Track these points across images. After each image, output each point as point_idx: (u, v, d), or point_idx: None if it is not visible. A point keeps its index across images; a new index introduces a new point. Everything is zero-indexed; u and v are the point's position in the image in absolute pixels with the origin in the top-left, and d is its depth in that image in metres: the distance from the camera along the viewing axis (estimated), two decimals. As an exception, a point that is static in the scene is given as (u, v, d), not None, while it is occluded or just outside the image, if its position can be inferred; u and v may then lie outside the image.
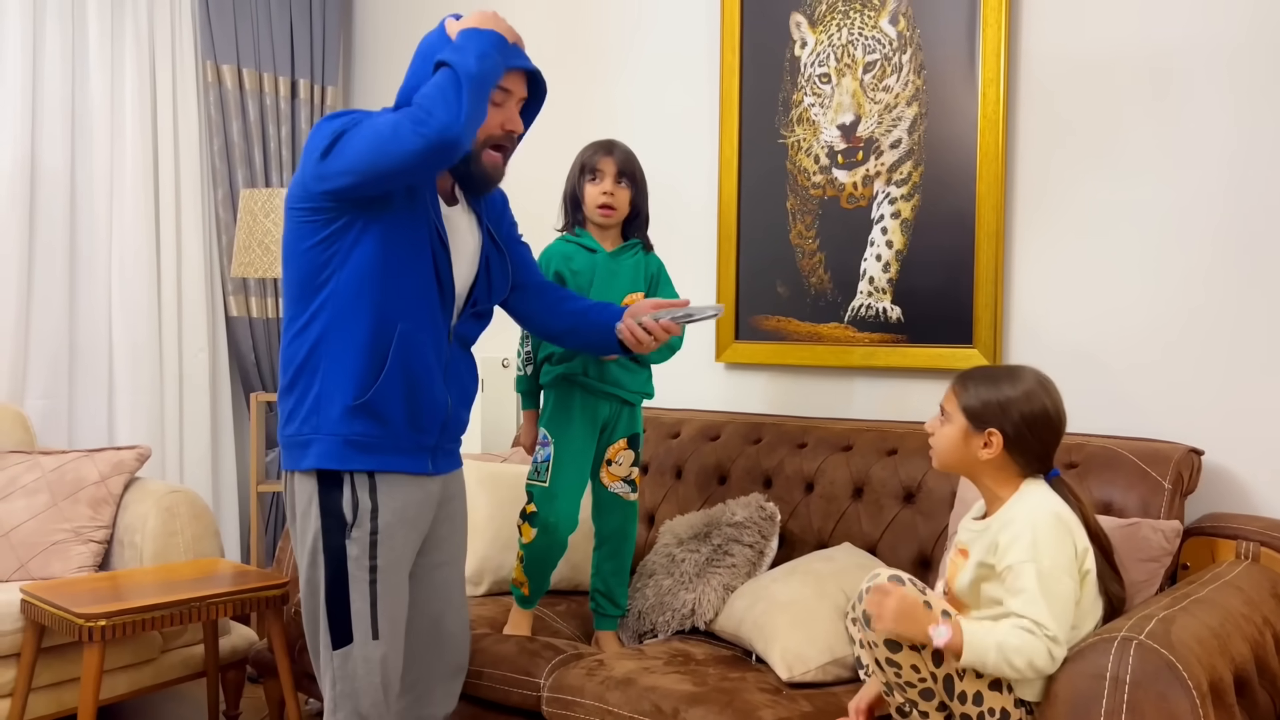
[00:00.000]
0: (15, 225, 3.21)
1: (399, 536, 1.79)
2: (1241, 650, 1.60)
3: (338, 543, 1.73)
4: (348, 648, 1.73)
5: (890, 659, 1.63)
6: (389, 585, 1.76)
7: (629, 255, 2.34)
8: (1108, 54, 2.35)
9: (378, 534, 1.75)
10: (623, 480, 2.35)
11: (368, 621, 1.73)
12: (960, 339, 2.53)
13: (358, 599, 1.73)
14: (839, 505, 2.44)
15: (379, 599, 1.74)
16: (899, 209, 2.63)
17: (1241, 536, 2.02)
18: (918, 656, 1.62)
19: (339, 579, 1.73)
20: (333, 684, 1.75)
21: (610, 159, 2.28)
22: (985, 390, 1.70)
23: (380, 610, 1.74)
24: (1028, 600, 1.56)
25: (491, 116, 1.80)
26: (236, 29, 3.66)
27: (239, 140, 3.66)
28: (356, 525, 1.74)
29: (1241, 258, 2.20)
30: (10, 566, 2.73)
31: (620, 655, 2.11)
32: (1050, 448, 1.71)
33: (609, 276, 2.30)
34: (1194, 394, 2.26)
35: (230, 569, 2.63)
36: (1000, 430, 1.67)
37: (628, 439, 2.35)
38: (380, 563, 1.75)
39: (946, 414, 1.74)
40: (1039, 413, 1.68)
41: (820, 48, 2.75)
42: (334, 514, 1.74)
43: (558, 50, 3.40)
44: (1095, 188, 2.38)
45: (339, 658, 1.74)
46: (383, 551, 1.75)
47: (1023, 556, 1.59)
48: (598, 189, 2.28)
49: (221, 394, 3.72)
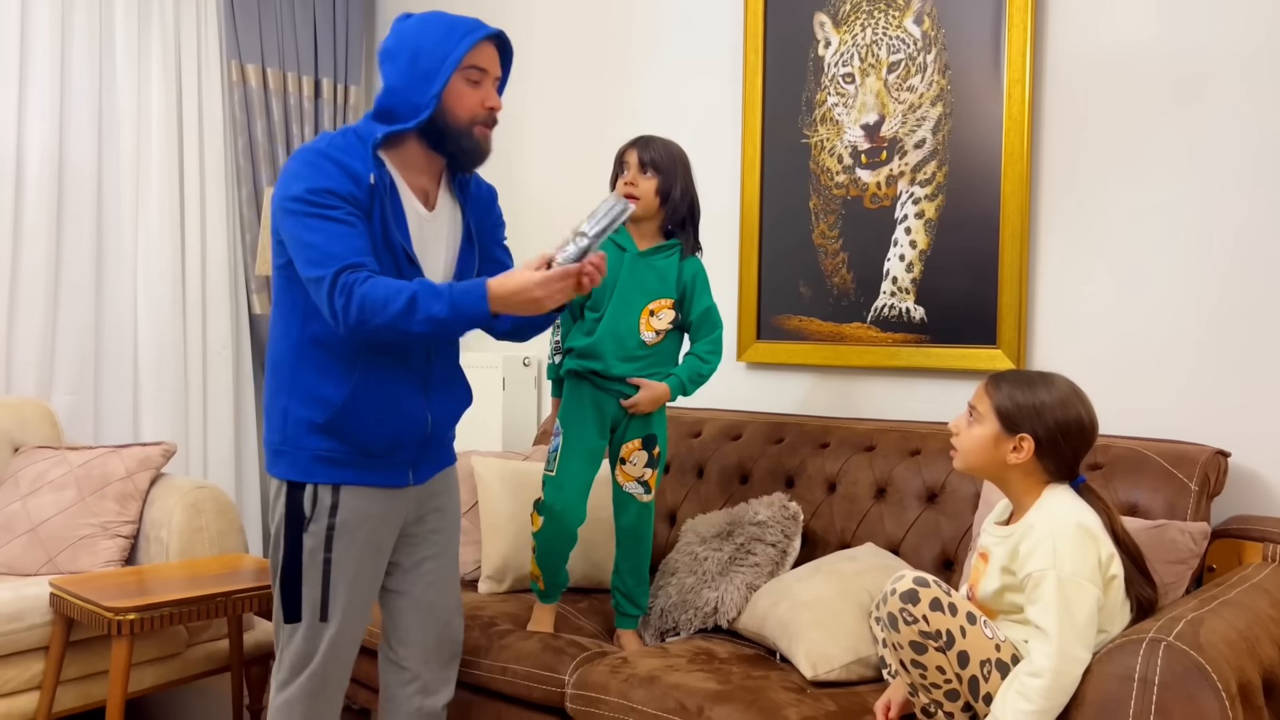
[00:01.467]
0: (43, 223, 3.24)
1: (362, 531, 1.86)
2: (1269, 653, 1.59)
3: (295, 534, 1.83)
4: (297, 624, 1.84)
5: (916, 660, 1.63)
6: (344, 574, 1.84)
7: (662, 257, 2.32)
8: (1133, 55, 2.35)
9: (334, 530, 1.83)
10: (636, 481, 2.34)
11: (317, 605, 1.83)
12: (984, 339, 2.53)
13: (309, 586, 1.83)
14: (861, 505, 2.44)
15: (331, 586, 1.83)
16: (923, 209, 2.63)
17: (1268, 539, 2.01)
18: (943, 658, 1.62)
19: (293, 564, 1.83)
20: (282, 651, 1.87)
21: (634, 150, 2.29)
22: (1020, 393, 1.69)
23: (332, 596, 1.83)
24: (1043, 609, 1.56)
25: (470, 97, 1.83)
26: (261, 29, 3.68)
27: (263, 139, 3.69)
28: (314, 520, 1.82)
29: (1268, 258, 2.19)
30: (39, 560, 2.76)
31: (644, 653, 2.12)
32: (1080, 456, 1.70)
33: (632, 277, 2.29)
34: (1220, 395, 2.25)
35: (254, 564, 2.66)
36: (1033, 435, 1.67)
37: (642, 440, 2.33)
38: (335, 555, 1.83)
39: (977, 414, 1.72)
40: (1073, 420, 1.67)
41: (844, 47, 2.75)
42: (295, 507, 1.83)
43: (581, 51, 3.41)
44: (1121, 189, 2.37)
45: (289, 631, 1.85)
46: (339, 545, 1.83)
47: (1043, 565, 1.58)
48: (622, 181, 2.30)
49: (245, 391, 3.74)
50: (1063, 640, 1.54)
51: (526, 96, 3.57)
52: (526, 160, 3.58)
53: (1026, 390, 1.69)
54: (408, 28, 1.83)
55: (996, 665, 1.62)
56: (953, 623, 1.61)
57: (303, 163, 1.76)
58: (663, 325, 2.32)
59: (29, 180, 3.23)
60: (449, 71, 1.79)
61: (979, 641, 1.62)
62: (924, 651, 1.62)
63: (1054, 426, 1.66)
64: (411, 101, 1.80)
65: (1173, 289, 2.31)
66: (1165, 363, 2.32)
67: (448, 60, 1.79)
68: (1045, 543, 1.60)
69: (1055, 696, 1.53)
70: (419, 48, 1.80)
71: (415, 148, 1.86)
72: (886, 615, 1.65)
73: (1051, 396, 1.68)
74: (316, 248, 1.71)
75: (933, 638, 1.61)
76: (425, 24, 1.82)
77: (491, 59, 1.86)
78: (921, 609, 1.61)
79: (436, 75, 1.79)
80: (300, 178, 1.74)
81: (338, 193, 1.73)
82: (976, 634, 1.62)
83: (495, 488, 2.65)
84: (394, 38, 1.84)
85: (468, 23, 1.82)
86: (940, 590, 1.64)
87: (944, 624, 1.61)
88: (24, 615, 2.46)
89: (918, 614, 1.61)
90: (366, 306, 1.68)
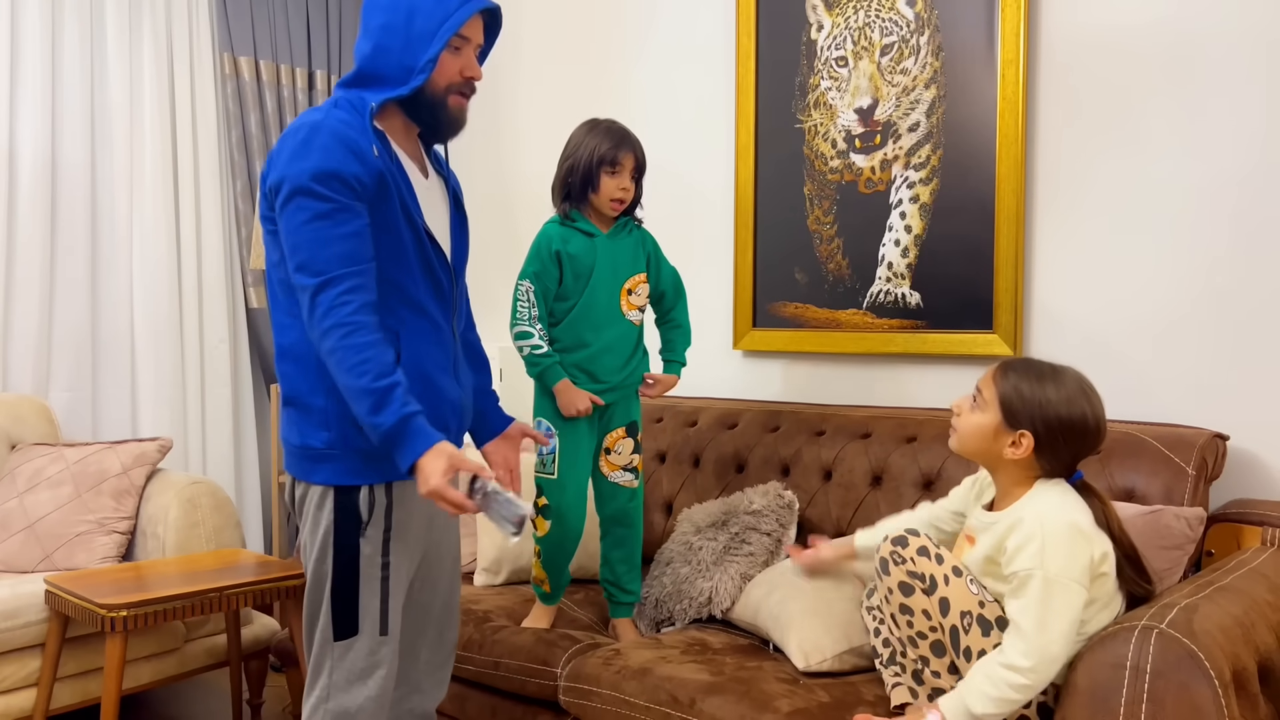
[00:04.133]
0: (37, 220, 3.24)
1: (413, 532, 1.77)
2: (1266, 639, 1.57)
3: (351, 540, 1.69)
4: (351, 639, 1.69)
5: (904, 605, 1.67)
6: (400, 580, 1.73)
7: (625, 235, 2.34)
8: (1128, 35, 2.31)
9: (391, 530, 1.72)
10: (623, 469, 2.35)
11: (376, 616, 1.70)
12: (980, 324, 2.50)
13: (368, 595, 1.69)
14: (857, 493, 2.42)
15: (390, 596, 1.71)
16: (918, 193, 2.60)
17: (1268, 523, 1.99)
18: (927, 601, 1.65)
19: (349, 574, 1.69)
20: (330, 672, 1.70)
21: (631, 155, 2.26)
22: (1027, 386, 1.64)
23: (391, 606, 1.71)
24: (1023, 607, 1.56)
25: (449, 64, 1.73)
26: (253, 21, 3.66)
27: (257, 132, 3.67)
28: (372, 524, 1.70)
29: (1266, 240, 2.16)
30: (35, 558, 2.76)
31: (637, 644, 2.11)
32: (1079, 456, 1.66)
33: (610, 258, 2.29)
34: (1219, 378, 2.22)
35: (252, 559, 2.65)
36: (1033, 432, 1.63)
37: (625, 427, 2.35)
38: (393, 559, 1.72)
39: (981, 399, 1.69)
40: (1077, 419, 1.63)
41: (837, 30, 2.72)
42: (349, 511, 1.69)
43: (574, 37, 3.38)
44: (1117, 171, 2.34)
45: (340, 649, 1.70)
46: (396, 548, 1.72)
47: (1029, 564, 1.57)
48: (615, 183, 2.25)
49: (243, 385, 3.74)
50: (1043, 641, 1.53)
51: (520, 82, 3.55)
52: (520, 148, 3.56)
53: (1034, 383, 1.64)
54: None
55: (978, 620, 1.63)
56: (937, 570, 1.66)
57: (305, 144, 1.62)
58: (640, 301, 2.35)
59: (22, 176, 3.22)
60: (445, 38, 1.68)
61: (961, 593, 1.64)
62: (910, 593, 1.66)
63: (1055, 425, 1.62)
64: (404, 64, 1.69)
65: (1170, 271, 2.28)
66: (1163, 345, 2.29)
67: (445, 25, 1.68)
68: (1034, 541, 1.58)
69: (1024, 694, 1.54)
70: (416, 7, 1.68)
71: (397, 115, 1.76)
72: (879, 560, 1.70)
73: (1058, 394, 1.63)
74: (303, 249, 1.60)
75: (919, 579, 1.66)
76: None
77: (477, 28, 1.76)
78: (909, 552, 1.67)
79: (432, 40, 1.68)
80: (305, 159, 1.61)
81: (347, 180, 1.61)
82: (960, 586, 1.65)
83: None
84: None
85: None
86: (930, 542, 1.69)
87: (929, 569, 1.66)
88: (20, 613, 2.46)
89: (906, 555, 1.67)
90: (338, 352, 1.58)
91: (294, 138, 1.63)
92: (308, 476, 1.71)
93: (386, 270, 1.69)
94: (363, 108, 1.69)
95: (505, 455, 1.96)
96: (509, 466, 1.95)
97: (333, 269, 1.60)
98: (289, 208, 1.61)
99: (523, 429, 1.97)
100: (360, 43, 1.74)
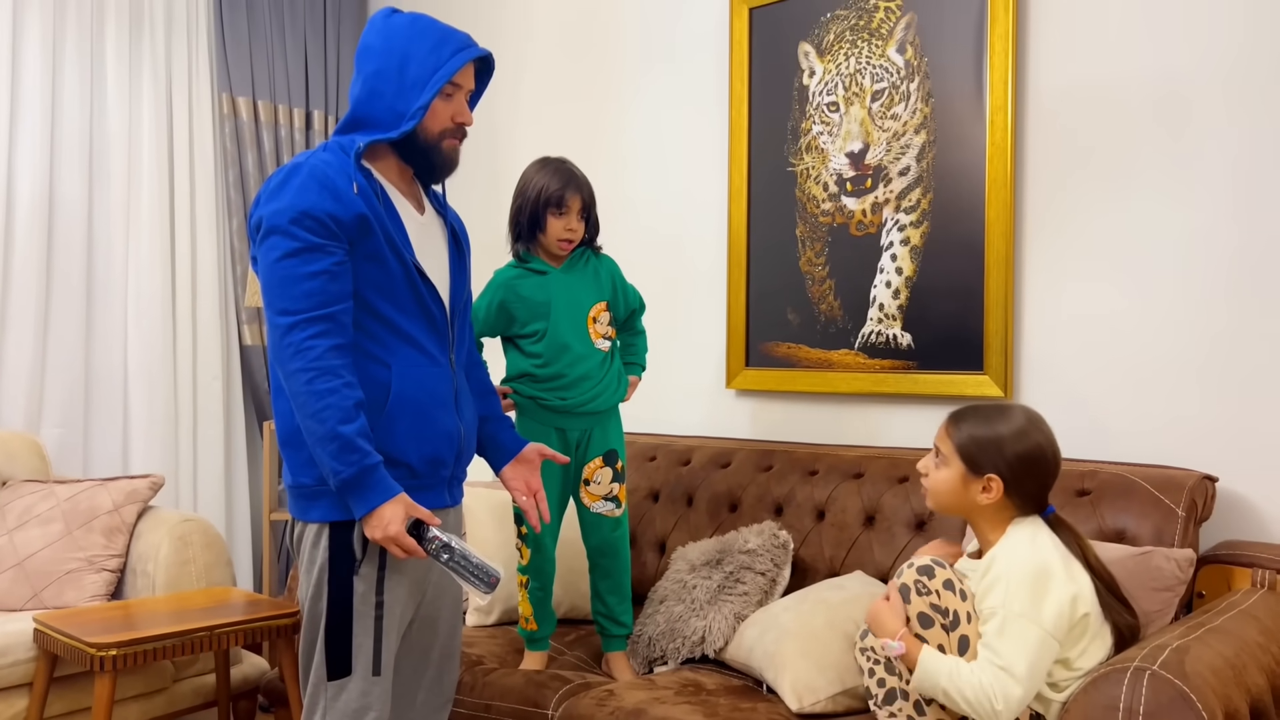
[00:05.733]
0: (33, 256, 3.25)
1: (408, 572, 1.76)
2: (1258, 680, 1.58)
3: (345, 577, 1.69)
4: (344, 680, 1.69)
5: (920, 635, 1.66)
6: (395, 619, 1.72)
7: (581, 264, 2.32)
8: (1115, 82, 2.36)
9: (386, 570, 1.71)
10: (604, 499, 2.34)
11: (369, 656, 1.69)
12: (971, 365, 2.53)
13: (361, 634, 1.69)
14: (850, 533, 2.42)
15: (384, 635, 1.71)
16: (908, 236, 2.63)
17: (1257, 564, 2.00)
18: (945, 638, 1.65)
19: (342, 612, 1.69)
20: (323, 713, 1.70)
21: (578, 195, 2.25)
22: (980, 430, 1.70)
23: (384, 646, 1.71)
24: (985, 642, 1.61)
25: (442, 110, 1.77)
26: (252, 61, 3.71)
27: (254, 170, 3.70)
28: (365, 562, 1.70)
29: (1254, 284, 2.19)
30: (24, 596, 2.74)
31: (631, 685, 2.10)
32: (1046, 487, 1.71)
33: (566, 292, 2.28)
34: (1208, 420, 2.24)
35: (242, 598, 2.64)
36: (998, 474, 1.68)
37: (603, 456, 2.33)
38: (387, 599, 1.71)
39: (942, 455, 1.74)
40: (1033, 450, 1.68)
41: (828, 76, 2.77)
42: (343, 549, 1.70)
43: (569, 81, 3.43)
44: (1105, 214, 2.37)
45: (333, 689, 1.69)
46: (390, 587, 1.71)
47: (994, 603, 1.62)
48: (562, 224, 2.25)
49: (235, 423, 3.73)
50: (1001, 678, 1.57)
51: (520, 120, 3.59)
52: (516, 190, 3.59)
53: (985, 426, 1.70)
54: (396, 28, 1.74)
55: None
56: (962, 606, 1.65)
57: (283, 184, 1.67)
58: (605, 329, 2.34)
59: (19, 213, 3.24)
60: (437, 86, 1.72)
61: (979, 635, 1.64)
62: (929, 626, 1.65)
63: (1015, 461, 1.68)
64: (396, 110, 1.73)
65: (1159, 313, 2.31)
66: (1153, 388, 2.31)
67: (438, 74, 1.72)
68: (1000, 583, 1.62)
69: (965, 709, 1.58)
70: (409, 54, 1.72)
71: (391, 156, 1.81)
72: (899, 587, 1.68)
73: (1009, 429, 1.69)
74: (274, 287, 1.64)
75: (941, 614, 1.65)
76: (417, 29, 1.74)
77: (469, 75, 1.81)
78: (936, 584, 1.65)
79: (425, 88, 1.72)
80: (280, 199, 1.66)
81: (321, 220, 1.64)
82: (979, 628, 1.65)
83: (483, 519, 2.64)
84: (380, 37, 1.75)
85: (459, 37, 1.76)
86: (955, 576, 1.68)
87: (954, 605, 1.65)
88: (8, 651, 2.44)
89: (932, 587, 1.65)
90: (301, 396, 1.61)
91: (275, 179, 1.69)
92: (304, 515, 1.73)
93: (377, 305, 1.72)
94: (350, 148, 1.73)
95: (525, 479, 1.96)
96: (531, 490, 1.94)
97: (302, 308, 1.63)
98: (264, 246, 1.67)
99: (539, 449, 1.98)
100: (354, 86, 1.79)
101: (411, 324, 1.75)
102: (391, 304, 1.73)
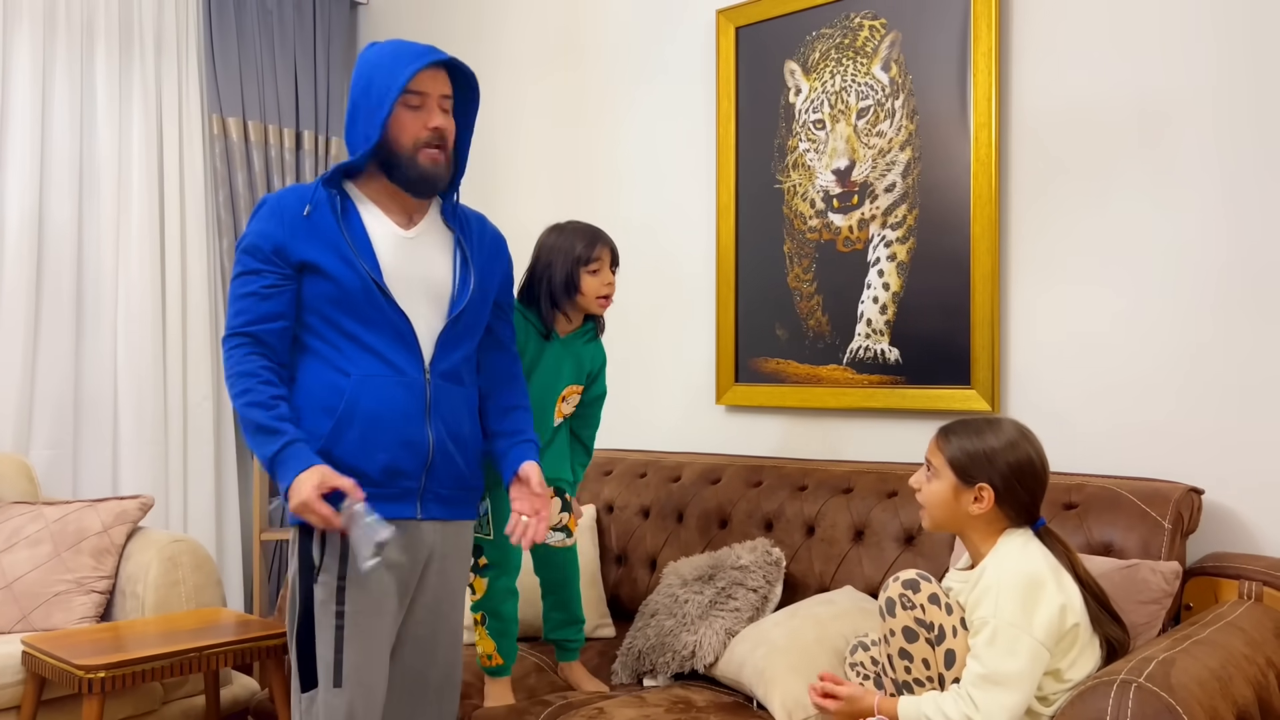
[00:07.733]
0: (23, 277, 3.25)
1: (372, 581, 1.75)
2: (1244, 692, 1.58)
3: (307, 586, 1.73)
4: (313, 692, 1.71)
5: (905, 650, 1.67)
6: (358, 631, 1.72)
7: (582, 342, 2.33)
8: (1098, 98, 2.38)
9: (345, 579, 1.73)
10: (554, 529, 2.34)
11: (330, 668, 1.71)
12: (958, 380, 2.54)
13: (323, 645, 1.71)
14: (840, 548, 2.43)
15: (344, 645, 1.71)
16: (894, 251, 2.65)
17: (1244, 576, 2.01)
18: (930, 652, 1.66)
19: (306, 623, 1.72)
20: None
21: (607, 250, 2.26)
22: (970, 442, 1.71)
23: (346, 658, 1.71)
24: (975, 655, 1.61)
25: (410, 122, 1.80)
26: (242, 82, 3.72)
27: (244, 191, 3.71)
28: (324, 570, 1.73)
29: (1238, 296, 2.21)
30: (13, 618, 2.73)
31: (622, 703, 2.10)
32: (1037, 498, 1.72)
33: (555, 364, 2.28)
34: (1194, 432, 2.26)
35: (232, 618, 2.63)
36: (990, 483, 1.69)
37: (553, 490, 2.32)
38: (348, 609, 1.72)
39: (933, 469, 1.75)
40: (1024, 461, 1.70)
41: (814, 94, 2.79)
42: (306, 557, 1.74)
43: (558, 100, 3.45)
44: (1089, 229, 2.39)
45: (305, 701, 1.72)
46: (351, 597, 1.72)
47: (984, 614, 1.62)
48: (599, 280, 2.24)
49: (225, 443, 3.73)
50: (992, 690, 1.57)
51: (509, 139, 3.61)
52: (512, 200, 3.61)
53: (975, 438, 1.72)
54: (369, 57, 1.82)
55: None
56: (947, 620, 1.65)
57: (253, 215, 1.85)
58: (569, 410, 2.36)
59: (9, 234, 3.24)
60: (391, 100, 1.76)
61: (966, 648, 1.65)
62: (914, 640, 1.66)
63: (1007, 471, 1.69)
64: (363, 132, 1.80)
65: (1144, 327, 2.32)
66: (1139, 401, 2.33)
67: (391, 89, 1.76)
68: (990, 593, 1.63)
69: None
70: (371, 79, 1.80)
71: (378, 178, 1.85)
72: (885, 601, 1.69)
73: (1000, 440, 1.70)
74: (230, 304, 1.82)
75: (926, 628, 1.65)
76: (381, 54, 1.81)
77: (433, 82, 1.81)
78: (921, 598, 1.66)
79: (382, 104, 1.77)
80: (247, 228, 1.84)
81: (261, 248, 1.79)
82: (965, 641, 1.65)
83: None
84: (358, 68, 1.83)
85: (414, 49, 1.79)
86: (940, 590, 1.69)
87: (939, 618, 1.65)
88: (-4, 674, 2.43)
89: (917, 601, 1.66)
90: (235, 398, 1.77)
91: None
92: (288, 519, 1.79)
93: (336, 319, 1.80)
94: (330, 174, 1.83)
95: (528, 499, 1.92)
96: (532, 510, 1.88)
97: (232, 326, 1.80)
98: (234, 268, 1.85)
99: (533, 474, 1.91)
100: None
101: (374, 336, 1.79)
102: (352, 317, 1.79)
